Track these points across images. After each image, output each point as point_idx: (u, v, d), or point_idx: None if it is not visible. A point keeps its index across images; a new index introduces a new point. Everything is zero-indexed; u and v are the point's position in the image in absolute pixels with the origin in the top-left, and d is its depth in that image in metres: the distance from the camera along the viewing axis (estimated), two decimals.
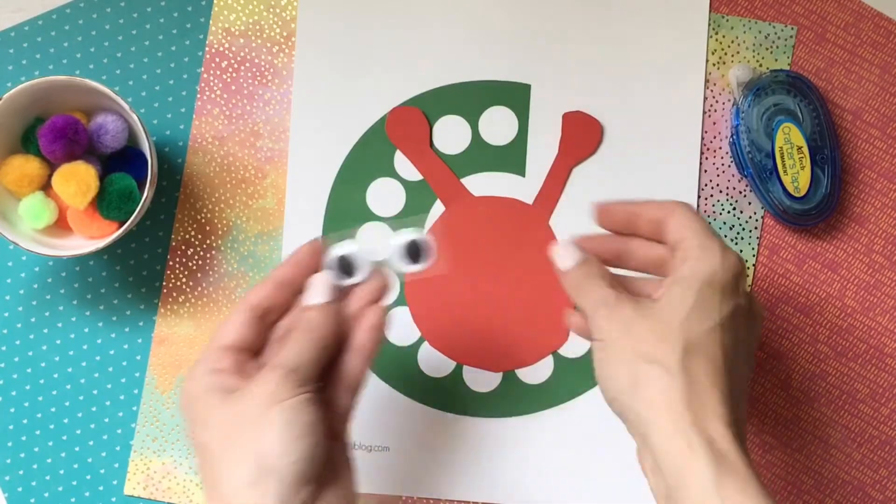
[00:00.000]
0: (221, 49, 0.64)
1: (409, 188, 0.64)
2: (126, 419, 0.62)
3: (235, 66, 0.64)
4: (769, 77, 0.62)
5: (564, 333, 0.63)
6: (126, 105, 0.56)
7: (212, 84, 0.63)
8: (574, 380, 0.63)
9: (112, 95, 0.57)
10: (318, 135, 0.63)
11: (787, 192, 0.62)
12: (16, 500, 0.61)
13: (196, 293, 0.63)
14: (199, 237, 0.63)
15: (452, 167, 0.64)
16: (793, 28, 0.65)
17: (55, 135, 0.56)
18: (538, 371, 0.63)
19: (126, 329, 0.63)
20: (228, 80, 0.64)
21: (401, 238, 0.50)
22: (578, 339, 0.63)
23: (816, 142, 0.63)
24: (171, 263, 0.63)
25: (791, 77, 0.63)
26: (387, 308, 0.50)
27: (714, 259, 0.48)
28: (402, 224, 0.52)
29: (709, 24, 0.64)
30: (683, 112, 0.64)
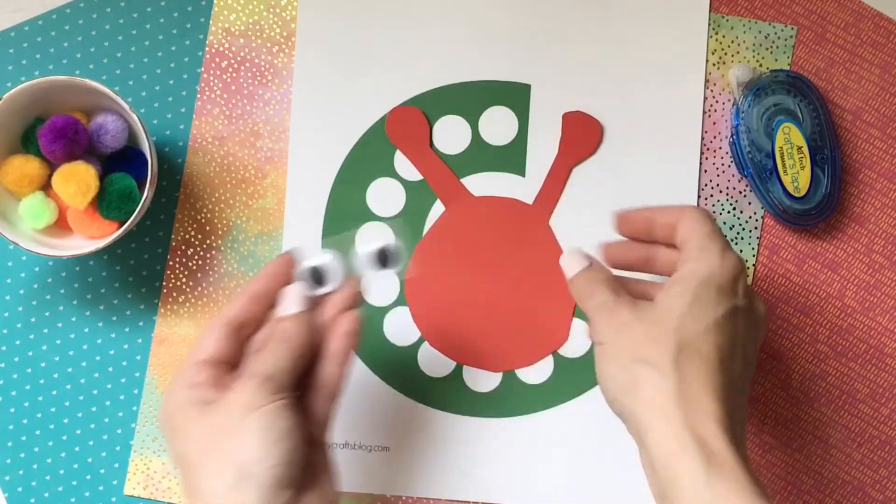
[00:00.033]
0: (221, 49, 0.64)
1: (409, 188, 0.64)
2: (126, 419, 0.62)
3: (235, 66, 0.64)
4: (769, 77, 0.62)
5: (564, 333, 0.63)
6: (126, 105, 0.56)
7: (212, 84, 0.63)
8: (574, 380, 0.63)
9: (112, 95, 0.57)
10: (318, 135, 0.63)
11: (787, 192, 0.62)
12: (16, 500, 0.61)
13: (196, 293, 0.63)
14: (199, 237, 0.63)
15: (452, 167, 0.64)
16: (793, 28, 0.65)
17: (55, 135, 0.56)
18: (538, 371, 0.63)
19: (126, 329, 0.63)
20: (228, 80, 0.64)
21: (370, 245, 0.51)
22: (578, 339, 0.63)
23: (816, 142, 0.63)
24: (171, 263, 0.63)
25: (791, 77, 0.63)
26: (360, 315, 0.50)
27: (711, 260, 0.49)
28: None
29: (709, 24, 0.64)
30: (683, 112, 0.64)
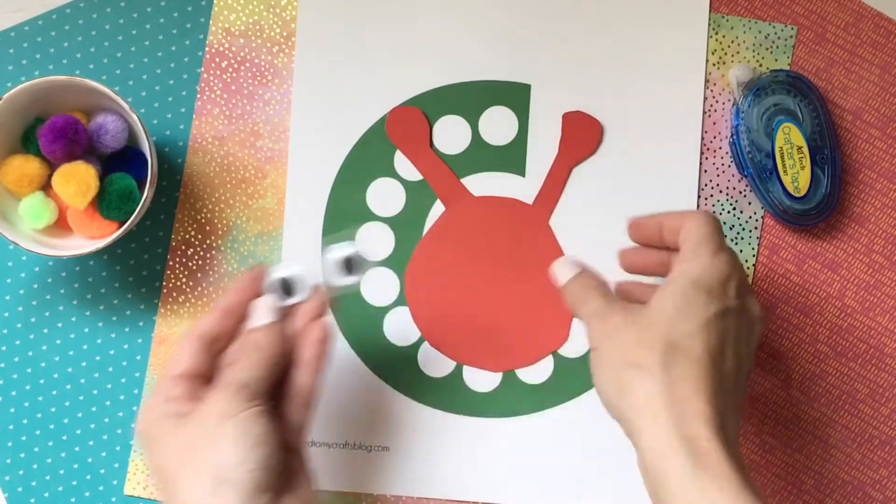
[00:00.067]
0: (221, 49, 0.64)
1: (409, 188, 0.64)
2: (126, 419, 0.62)
3: (235, 66, 0.64)
4: (769, 77, 0.62)
5: (564, 333, 0.63)
6: (126, 105, 0.56)
7: (212, 84, 0.63)
8: (574, 380, 0.63)
9: (112, 95, 0.57)
10: (318, 135, 0.63)
11: (787, 192, 0.62)
12: (16, 500, 0.61)
13: (196, 293, 0.63)
14: (199, 237, 0.63)
15: (452, 167, 0.64)
16: (793, 28, 0.65)
17: (55, 135, 0.56)
18: (538, 371, 0.63)
19: (126, 329, 0.63)
20: (228, 80, 0.64)
21: (335, 254, 0.52)
22: (578, 339, 0.63)
23: (816, 142, 0.63)
24: (171, 263, 0.63)
25: (791, 77, 0.63)
26: (330, 322, 0.52)
27: (702, 261, 0.49)
28: (335, 239, 0.54)
29: (709, 24, 0.64)
30: (683, 112, 0.64)
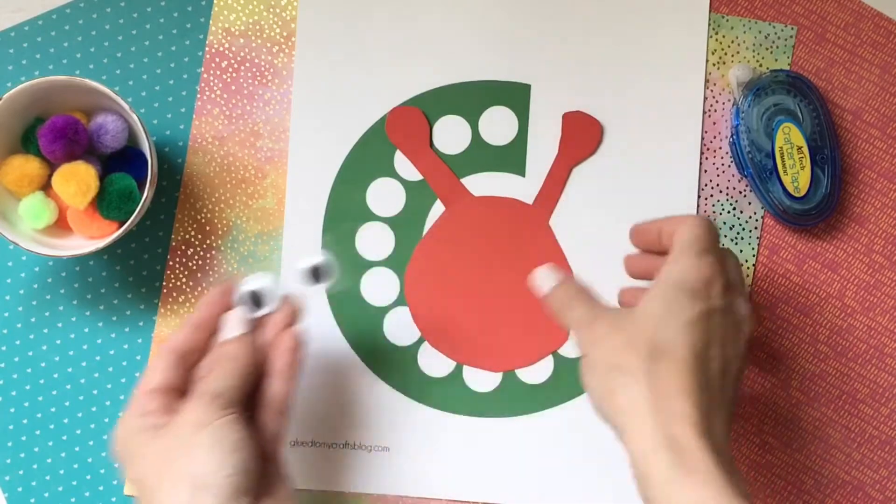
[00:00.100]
0: (221, 49, 0.64)
1: (409, 188, 0.64)
2: None
3: (235, 66, 0.64)
4: (769, 77, 0.62)
5: (564, 333, 0.63)
6: (126, 105, 0.56)
7: (212, 84, 0.63)
8: (574, 380, 0.63)
9: (112, 95, 0.57)
10: (318, 135, 0.63)
11: (787, 192, 0.62)
12: (16, 500, 0.61)
13: (196, 293, 0.63)
14: (199, 237, 0.63)
15: (452, 167, 0.64)
16: (793, 28, 0.65)
17: (55, 135, 0.56)
18: (538, 371, 0.63)
19: (126, 329, 0.63)
20: (228, 80, 0.64)
21: (304, 263, 0.54)
22: None
23: (816, 142, 0.63)
24: (171, 263, 0.63)
25: (791, 77, 0.63)
26: (301, 331, 0.53)
27: (686, 263, 0.50)
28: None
29: (709, 24, 0.64)
30: (683, 112, 0.64)
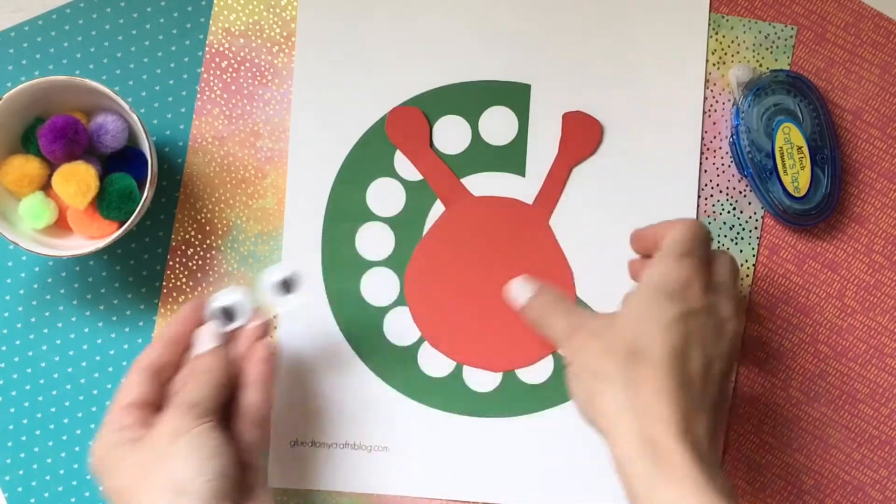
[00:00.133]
0: (221, 49, 0.64)
1: (409, 188, 0.64)
2: None
3: (235, 66, 0.64)
4: (769, 77, 0.62)
5: None
6: (126, 105, 0.56)
7: (212, 84, 0.63)
8: None
9: (112, 95, 0.57)
10: (318, 135, 0.63)
11: (787, 192, 0.62)
12: (16, 500, 0.61)
13: (196, 293, 0.63)
14: (199, 237, 0.63)
15: (452, 167, 0.64)
16: (793, 28, 0.65)
17: (55, 135, 0.56)
18: (538, 371, 0.63)
19: (126, 329, 0.63)
20: (228, 80, 0.64)
21: (273, 276, 0.55)
22: None
23: (816, 142, 0.63)
24: (171, 263, 0.63)
25: (791, 77, 0.63)
26: (272, 342, 0.54)
27: (665, 266, 0.50)
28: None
29: (709, 24, 0.64)
30: (683, 112, 0.64)
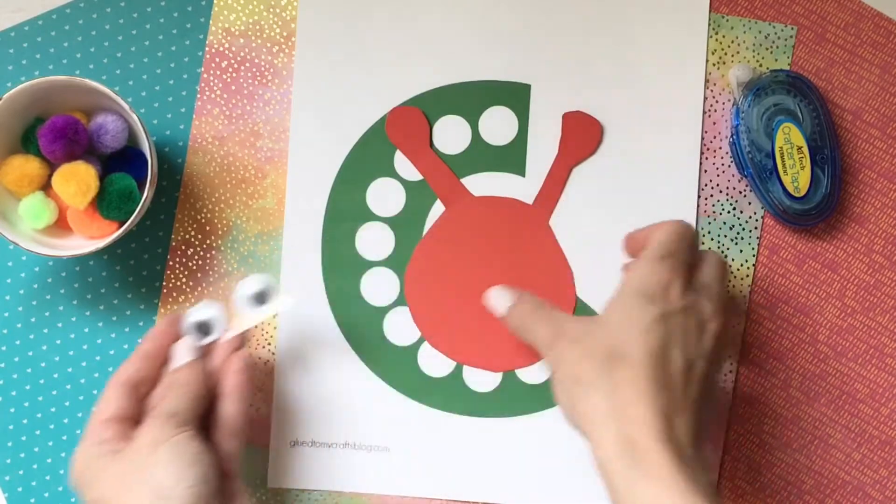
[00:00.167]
0: (221, 49, 0.64)
1: (409, 188, 0.64)
2: None
3: (235, 66, 0.64)
4: (769, 77, 0.62)
5: None
6: (126, 105, 0.56)
7: (212, 84, 0.63)
8: None
9: (112, 95, 0.57)
10: (318, 135, 0.63)
11: (787, 192, 0.62)
12: (16, 500, 0.61)
13: (196, 293, 0.63)
14: (199, 237, 0.63)
15: (452, 167, 0.64)
16: (793, 28, 0.65)
17: (55, 135, 0.56)
18: (538, 371, 0.63)
19: (126, 329, 0.63)
20: (228, 80, 0.64)
21: (247, 288, 0.56)
22: None
23: (816, 142, 0.63)
24: (171, 263, 0.63)
25: (791, 77, 0.63)
26: (247, 354, 0.55)
27: (644, 269, 0.51)
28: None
29: (709, 24, 0.64)
30: (683, 112, 0.64)
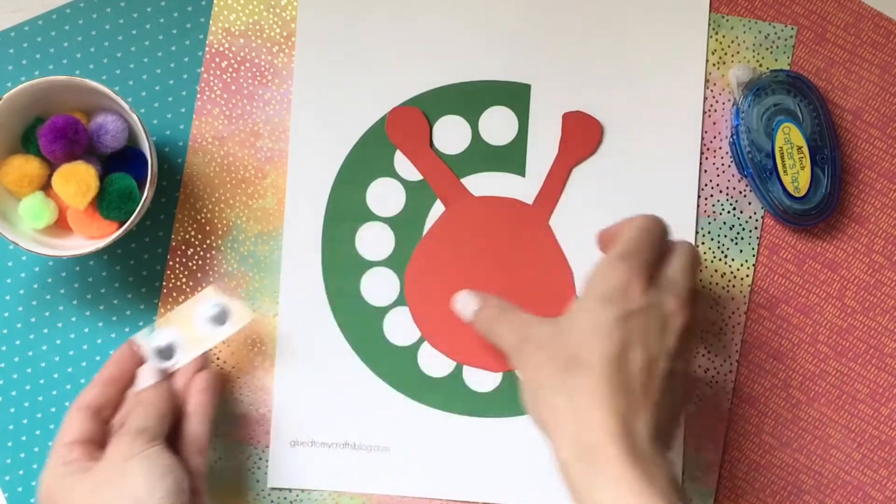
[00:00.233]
0: (221, 49, 0.64)
1: (409, 188, 0.64)
2: None
3: (235, 66, 0.64)
4: (769, 77, 0.62)
5: None
6: (126, 105, 0.56)
7: (212, 84, 0.63)
8: None
9: (112, 95, 0.57)
10: (318, 135, 0.63)
11: (787, 192, 0.62)
12: (16, 500, 0.61)
13: (196, 293, 0.63)
14: (199, 237, 0.63)
15: (452, 167, 0.64)
16: (793, 28, 0.65)
17: (55, 135, 0.56)
18: None
19: (126, 329, 0.63)
20: (228, 80, 0.64)
21: (208, 311, 0.57)
22: None
23: (816, 142, 0.63)
24: (171, 263, 0.63)
25: (791, 77, 0.63)
26: (210, 374, 0.56)
27: (603, 270, 0.51)
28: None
29: (709, 24, 0.64)
30: (683, 112, 0.64)
